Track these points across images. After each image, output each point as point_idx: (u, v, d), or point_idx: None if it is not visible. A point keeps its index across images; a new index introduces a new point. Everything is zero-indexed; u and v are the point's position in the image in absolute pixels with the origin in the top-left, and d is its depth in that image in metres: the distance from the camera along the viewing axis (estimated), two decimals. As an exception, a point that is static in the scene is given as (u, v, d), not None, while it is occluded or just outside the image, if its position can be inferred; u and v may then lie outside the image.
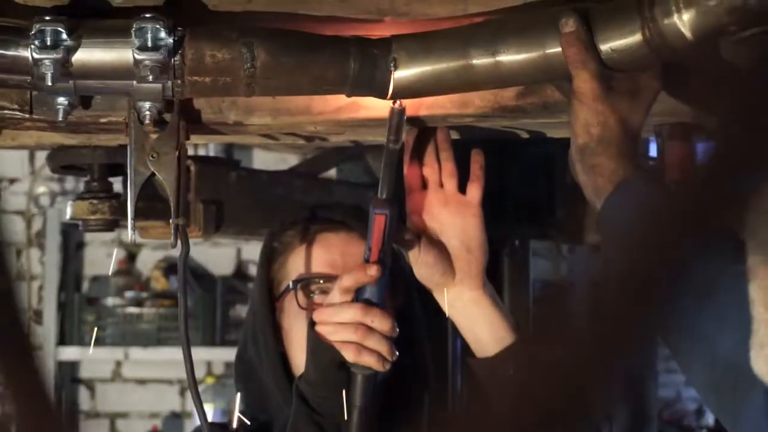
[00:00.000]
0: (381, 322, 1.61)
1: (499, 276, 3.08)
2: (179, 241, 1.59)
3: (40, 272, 4.48)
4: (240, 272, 4.73)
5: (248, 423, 1.81)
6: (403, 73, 1.50)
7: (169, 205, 1.62)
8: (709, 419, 6.66)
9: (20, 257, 4.54)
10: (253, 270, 4.77)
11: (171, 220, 1.58)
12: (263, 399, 1.84)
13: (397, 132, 1.59)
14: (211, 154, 3.97)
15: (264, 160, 4.29)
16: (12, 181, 4.60)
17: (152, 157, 1.57)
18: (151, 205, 2.01)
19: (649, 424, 4.89)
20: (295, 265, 1.84)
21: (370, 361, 1.61)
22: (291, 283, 1.82)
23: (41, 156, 4.65)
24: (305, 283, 1.82)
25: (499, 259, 3.07)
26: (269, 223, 2.53)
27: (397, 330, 1.65)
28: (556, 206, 2.91)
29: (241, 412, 1.88)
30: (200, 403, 1.58)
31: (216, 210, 2.29)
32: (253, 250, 4.78)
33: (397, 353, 1.65)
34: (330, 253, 1.82)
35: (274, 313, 1.84)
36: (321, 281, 1.81)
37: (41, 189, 4.53)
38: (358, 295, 1.63)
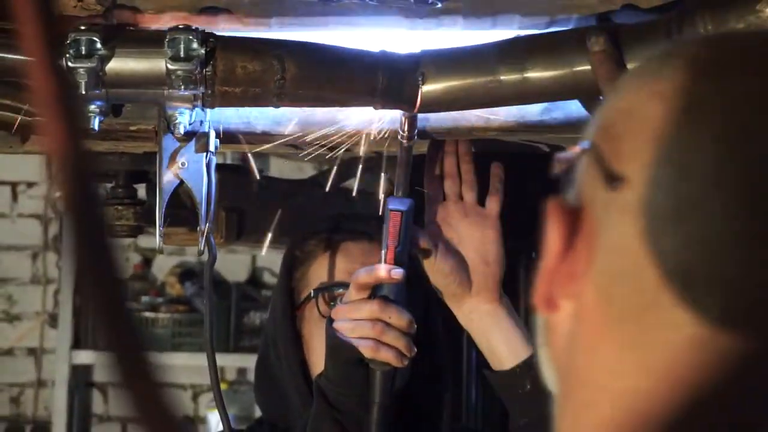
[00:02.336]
0: (398, 318, 1.63)
1: (515, 289, 3.09)
2: (206, 249, 1.62)
3: (56, 276, 4.51)
4: (254, 279, 4.75)
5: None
6: (431, 87, 1.52)
7: (192, 212, 1.65)
8: None
9: (36, 261, 4.56)
10: (267, 277, 4.79)
11: (199, 228, 1.61)
12: (283, 407, 1.85)
13: (410, 130, 1.61)
14: (228, 161, 4.00)
15: (281, 168, 4.31)
16: (30, 185, 4.63)
17: (181, 165, 1.60)
18: (175, 212, 2.03)
19: None
20: (316, 274, 1.85)
21: (387, 356, 1.63)
22: (312, 292, 1.83)
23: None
24: (326, 291, 1.82)
25: (515, 272, 3.09)
26: (289, 232, 2.56)
27: (415, 326, 1.67)
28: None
29: (260, 419, 1.90)
30: (224, 408, 1.61)
31: (237, 218, 2.31)
32: (267, 258, 4.81)
33: (415, 350, 1.67)
34: (351, 262, 1.83)
35: (294, 322, 1.85)
36: (342, 290, 1.80)
37: (59, 193, 4.56)
38: (375, 293, 1.65)
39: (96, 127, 1.56)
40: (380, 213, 1.79)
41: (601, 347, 0.72)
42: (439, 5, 1.46)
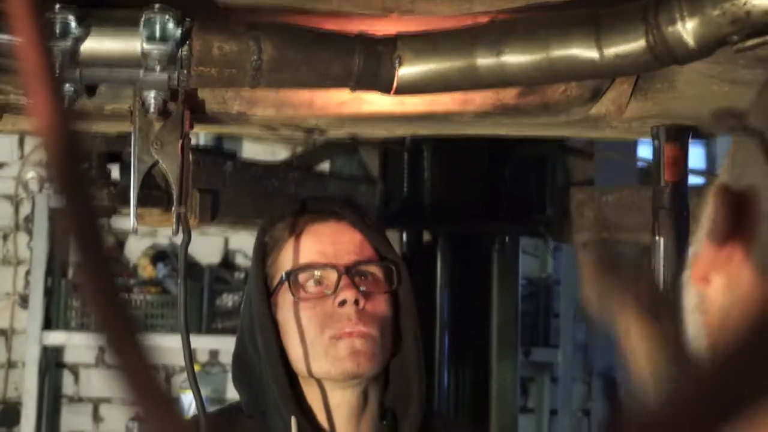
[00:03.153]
0: None
1: (488, 272, 3.10)
2: (180, 230, 1.61)
3: (27, 257, 4.49)
4: (227, 261, 4.74)
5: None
6: (407, 70, 1.52)
7: (166, 193, 1.64)
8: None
9: (7, 241, 4.54)
10: (240, 260, 4.78)
11: (173, 209, 1.60)
12: (261, 397, 1.84)
13: None
14: (201, 143, 3.98)
15: (254, 151, 4.29)
16: (1, 165, 4.60)
17: (156, 145, 1.59)
18: (148, 192, 2.03)
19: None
20: (287, 258, 1.82)
21: None
22: (284, 275, 1.80)
23: (31, 141, 4.65)
24: (297, 273, 1.80)
25: (488, 255, 3.10)
26: (263, 214, 2.56)
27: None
28: (546, 204, 2.93)
29: (236, 404, 1.89)
30: (197, 389, 1.61)
31: (212, 199, 2.31)
32: (240, 240, 4.80)
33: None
34: (321, 243, 1.81)
35: (271, 309, 1.82)
36: (313, 271, 1.79)
37: (30, 174, 4.53)
38: None
39: (67, 105, 1.55)
40: (349, 196, 1.79)
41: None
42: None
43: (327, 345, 1.72)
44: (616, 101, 1.69)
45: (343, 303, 1.72)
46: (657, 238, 1.85)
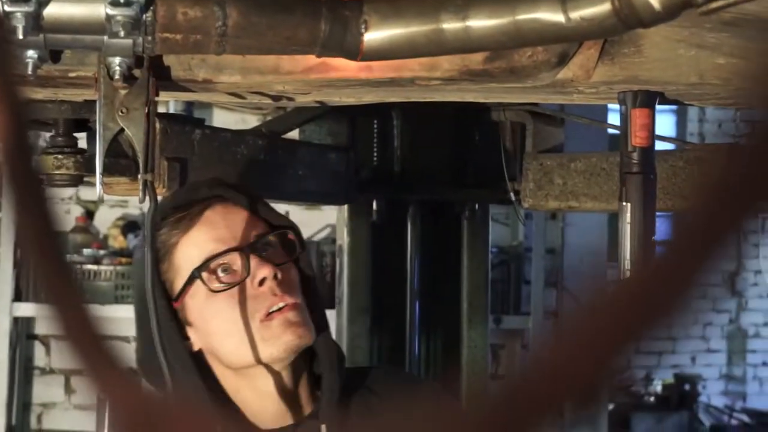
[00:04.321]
0: None
1: (458, 239, 3.11)
2: (147, 198, 1.60)
3: (-4, 228, 4.46)
4: (198, 232, 4.74)
5: None
6: (373, 35, 1.51)
7: (134, 162, 1.62)
8: (657, 386, 6.76)
9: (-24, 212, 4.51)
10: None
11: (140, 176, 1.59)
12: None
13: None
14: (171, 111, 3.96)
15: (224, 120, 4.28)
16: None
17: (121, 112, 1.58)
18: (116, 160, 2.02)
19: (602, 393, 4.95)
20: (185, 257, 1.74)
21: None
22: (194, 272, 1.72)
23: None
24: (207, 266, 1.72)
25: (458, 222, 3.11)
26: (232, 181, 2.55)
27: None
28: (515, 172, 2.94)
29: None
30: (166, 358, 1.60)
31: (180, 167, 2.30)
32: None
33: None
34: (215, 230, 1.74)
35: (177, 316, 1.74)
36: (218, 260, 1.72)
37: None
38: None
39: (33, 74, 1.54)
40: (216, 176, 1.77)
41: None
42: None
43: (260, 328, 1.68)
44: (584, 66, 1.69)
45: (262, 281, 1.69)
46: (624, 203, 1.86)
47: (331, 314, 4.00)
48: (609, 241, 4.97)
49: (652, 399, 6.69)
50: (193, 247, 1.73)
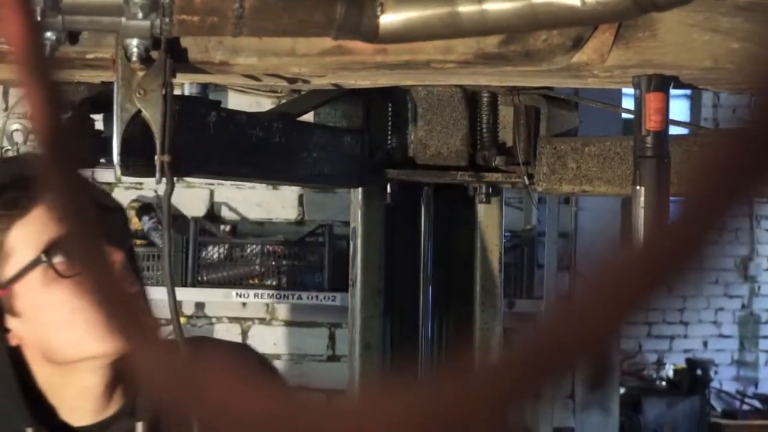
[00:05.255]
0: None
1: (471, 223, 3.12)
2: (164, 179, 1.61)
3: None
4: (212, 214, 4.75)
5: None
6: (389, 18, 1.52)
7: (150, 142, 1.63)
8: (668, 371, 6.77)
9: (-8, 194, 4.53)
10: (225, 212, 4.79)
11: (156, 157, 1.60)
12: None
13: None
14: (186, 94, 3.98)
15: (239, 103, 4.29)
16: (-16, 117, 4.58)
17: (139, 94, 1.59)
18: (132, 141, 2.03)
19: (611, 372, 4.96)
20: (21, 240, 1.55)
21: None
22: (41, 257, 1.53)
23: (15, 92, 4.62)
24: (54, 251, 1.54)
25: (472, 206, 3.11)
26: (247, 164, 2.56)
27: None
28: (530, 156, 2.94)
29: None
30: (183, 340, 1.62)
31: (196, 149, 2.31)
32: (225, 192, 4.80)
33: None
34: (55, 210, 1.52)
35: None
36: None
37: (15, 126, 4.52)
38: None
39: (50, 55, 1.55)
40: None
41: None
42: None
43: None
44: (598, 50, 1.69)
45: None
46: (638, 187, 1.86)
47: (344, 296, 4.01)
48: (623, 227, 4.97)
49: (663, 383, 6.69)
50: (31, 230, 1.55)
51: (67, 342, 1.56)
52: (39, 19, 1.45)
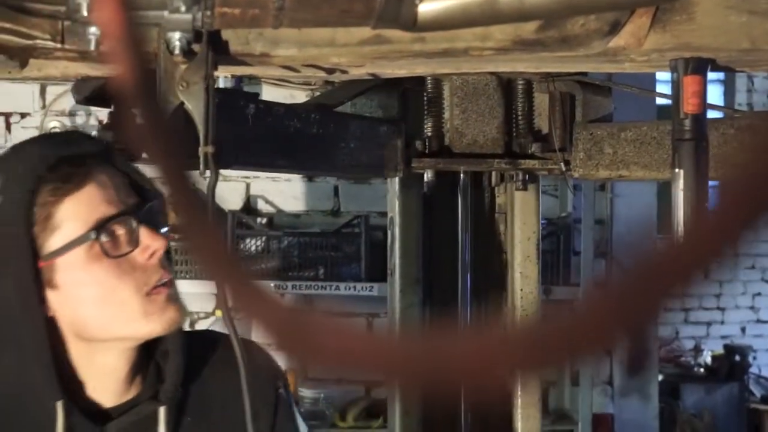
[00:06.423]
0: None
1: (510, 210, 3.13)
2: (207, 170, 1.64)
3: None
4: (249, 207, 4.78)
5: None
6: (428, 6, 1.53)
7: (192, 134, 1.65)
8: (707, 357, 6.75)
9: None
10: (262, 205, 4.82)
11: (200, 149, 1.62)
12: (19, 385, 1.62)
13: None
14: (221, 86, 4.01)
15: (273, 95, 4.31)
16: (23, 115, 4.64)
17: (181, 86, 1.61)
18: (174, 134, 2.05)
19: (650, 357, 4.96)
20: (71, 216, 1.58)
21: None
22: (90, 233, 1.57)
23: (53, 91, 4.67)
24: (106, 228, 1.58)
25: (509, 193, 3.12)
26: (284, 156, 2.58)
27: None
28: (566, 142, 2.95)
29: None
30: (235, 332, 1.63)
31: (234, 142, 2.33)
32: (261, 185, 4.83)
33: None
34: (105, 190, 1.60)
35: (39, 277, 1.57)
36: (113, 222, 1.60)
37: (52, 123, 4.57)
38: None
39: (95, 50, 1.58)
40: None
41: None
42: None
43: (144, 302, 1.59)
44: (635, 34, 1.70)
45: (153, 254, 1.60)
46: (677, 170, 1.87)
47: (381, 286, 4.02)
48: (658, 213, 4.97)
49: (701, 370, 6.68)
50: (82, 206, 1.58)
51: (100, 320, 1.59)
52: (85, 14, 1.47)
